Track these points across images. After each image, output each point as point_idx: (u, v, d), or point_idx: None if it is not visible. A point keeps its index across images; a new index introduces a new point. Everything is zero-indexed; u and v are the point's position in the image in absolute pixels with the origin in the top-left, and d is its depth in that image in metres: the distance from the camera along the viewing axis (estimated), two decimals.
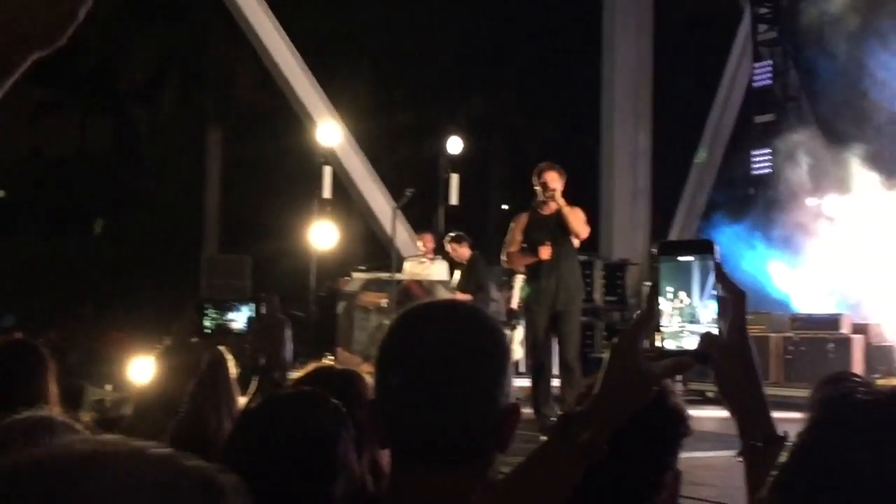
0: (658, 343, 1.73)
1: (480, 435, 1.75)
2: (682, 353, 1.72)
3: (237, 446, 2.17)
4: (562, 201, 10.00)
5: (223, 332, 2.78)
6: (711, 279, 1.72)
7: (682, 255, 1.74)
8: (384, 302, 13.93)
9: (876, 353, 13.53)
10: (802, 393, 12.38)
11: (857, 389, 1.17)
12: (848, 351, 13.56)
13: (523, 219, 10.34)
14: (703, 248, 1.74)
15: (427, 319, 1.83)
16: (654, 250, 1.75)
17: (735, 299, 1.72)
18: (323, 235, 16.69)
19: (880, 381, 12.86)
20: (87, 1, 1.46)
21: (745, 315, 1.73)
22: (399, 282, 13.88)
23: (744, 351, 1.72)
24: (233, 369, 3.41)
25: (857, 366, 13.41)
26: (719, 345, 1.70)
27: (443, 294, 14.57)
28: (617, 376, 1.71)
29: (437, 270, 15.14)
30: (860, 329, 13.90)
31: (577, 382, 9.58)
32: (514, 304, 13.85)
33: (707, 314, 1.72)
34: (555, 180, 9.96)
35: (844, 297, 14.69)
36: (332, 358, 14.72)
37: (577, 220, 10.05)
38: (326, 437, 2.16)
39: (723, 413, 1.77)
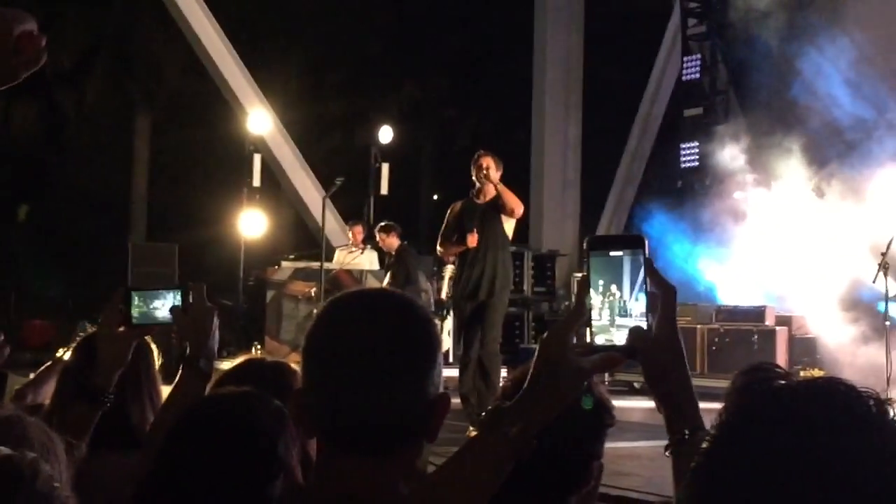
0: (588, 338, 1.73)
1: (408, 425, 1.74)
2: (611, 348, 1.72)
3: (177, 444, 2.14)
4: (495, 179, 9.78)
5: (150, 320, 2.74)
6: (642, 274, 1.72)
7: (612, 250, 1.73)
8: (313, 291, 13.87)
9: (799, 345, 13.73)
10: (726, 384, 12.52)
11: (775, 378, 1.18)
12: (772, 342, 13.74)
13: (458, 207, 10.17)
14: (633, 242, 1.74)
15: (355, 308, 1.80)
16: (584, 245, 1.74)
17: (665, 294, 1.72)
18: (252, 224, 16.59)
19: (803, 373, 13.08)
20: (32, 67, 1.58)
21: (674, 310, 1.73)
22: (329, 271, 13.83)
23: (673, 345, 1.72)
24: (156, 359, 3.36)
25: (781, 357, 13.59)
26: (647, 339, 1.71)
27: (373, 284, 14.55)
28: (547, 371, 1.71)
29: (366, 260, 15.12)
30: (784, 321, 14.09)
31: (492, 382, 9.39)
32: (444, 294, 13.87)
33: (638, 308, 1.72)
34: (491, 165, 9.80)
35: (769, 290, 14.88)
36: (260, 347, 14.66)
37: (512, 197, 9.82)
38: (268, 438, 2.15)
39: (648, 404, 1.78)
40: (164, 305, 2.73)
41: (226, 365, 2.87)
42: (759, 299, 14.64)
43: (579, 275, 17.53)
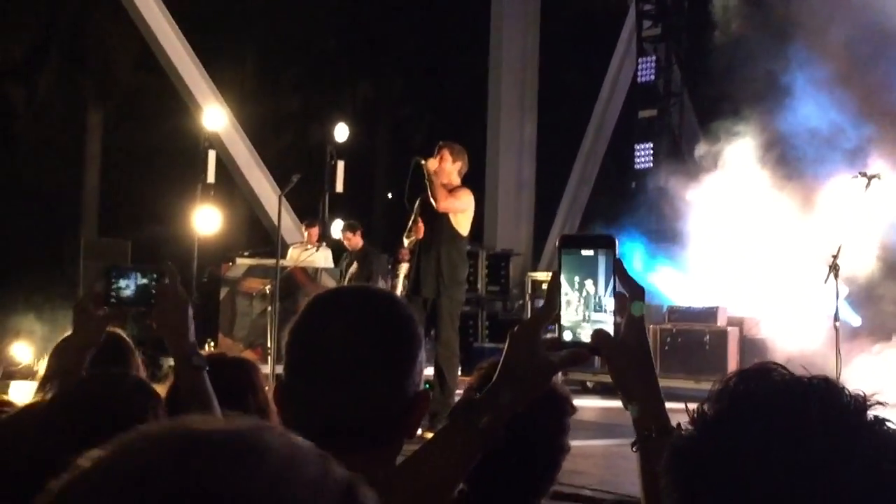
0: (557, 333, 1.76)
1: (387, 421, 1.77)
2: (578, 345, 1.75)
3: (50, 431, 2.11)
4: (431, 166, 9.39)
5: (127, 302, 2.65)
6: (612, 275, 1.75)
7: (584, 249, 1.76)
8: (267, 288, 13.81)
9: (750, 347, 13.85)
10: (679, 384, 12.62)
11: (773, 373, 1.21)
12: (723, 343, 13.86)
13: (422, 199, 9.78)
14: (604, 243, 1.77)
15: (338, 304, 1.84)
16: (557, 243, 1.78)
17: (633, 295, 1.75)
18: (206, 220, 16.49)
19: None
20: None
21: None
22: (283, 268, 13.79)
23: (640, 345, 1.76)
24: (140, 364, 3.32)
25: (732, 358, 13.73)
26: (613, 340, 1.74)
27: (328, 282, 14.54)
28: (516, 364, 1.75)
29: (321, 257, 15.10)
30: (736, 322, 14.21)
31: (447, 384, 9.06)
32: (399, 293, 13.84)
33: (612, 303, 1.75)
34: (444, 155, 9.50)
35: (721, 291, 15.01)
36: (213, 344, 14.60)
37: (437, 187, 9.36)
38: (136, 417, 2.15)
39: (602, 403, 1.81)
40: (142, 289, 2.65)
41: None
42: (712, 300, 14.77)
43: (536, 274, 17.68)
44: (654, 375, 1.77)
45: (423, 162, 9.55)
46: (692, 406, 1.30)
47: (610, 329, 1.75)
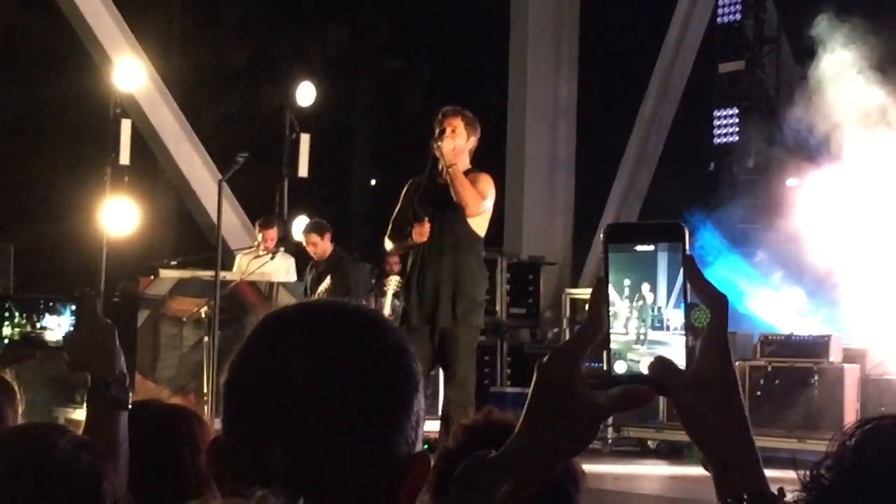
0: (605, 364, 1.74)
1: (367, 495, 1.75)
2: (636, 379, 1.73)
3: None
4: (448, 152, 9.49)
5: (31, 343, 2.73)
6: (680, 278, 1.74)
7: (639, 243, 1.75)
8: (204, 311, 13.83)
9: (874, 389, 13.82)
10: (775, 442, 12.60)
11: None
12: (838, 385, 13.80)
13: (413, 186, 9.89)
14: (668, 232, 1.76)
15: (299, 327, 1.80)
16: (602, 236, 1.76)
17: (713, 307, 1.74)
18: (118, 217, 16.51)
19: None
20: None
21: (725, 329, 1.74)
22: (226, 283, 13.80)
23: (724, 379, 1.73)
24: (20, 404, 3.37)
25: (850, 403, 13.69)
26: (680, 373, 1.72)
27: (286, 300, 14.53)
28: (547, 409, 1.73)
29: (280, 267, 15.10)
30: (854, 357, 14.17)
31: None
32: (386, 314, 13.85)
33: (677, 317, 1.73)
34: (458, 129, 9.57)
35: (835, 314, 14.98)
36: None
37: (467, 187, 9.45)
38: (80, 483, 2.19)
39: (668, 469, 1.81)
40: (53, 323, 2.73)
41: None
42: (820, 326, 14.73)
43: (577, 291, 17.63)
44: (744, 421, 1.75)
45: (435, 145, 9.54)
46: (792, 472, 1.30)
47: (676, 355, 1.73)
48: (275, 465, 1.72)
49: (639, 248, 1.75)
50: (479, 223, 9.72)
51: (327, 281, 14.22)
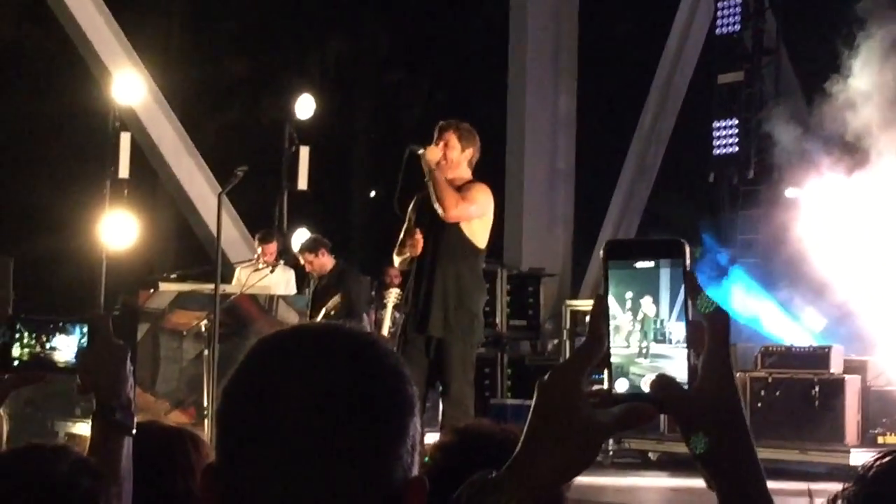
0: (606, 382, 1.74)
1: None
2: (638, 397, 1.72)
3: None
4: (432, 158, 9.44)
5: (41, 364, 2.74)
6: (682, 292, 1.73)
7: (639, 260, 1.75)
8: (204, 325, 13.82)
9: (877, 401, 13.79)
10: (776, 454, 12.59)
11: None
12: (840, 397, 13.77)
13: (418, 201, 9.88)
14: (669, 249, 1.75)
15: (293, 353, 1.79)
16: (602, 253, 1.75)
17: (713, 324, 1.73)
18: (118, 230, 16.49)
19: (882, 439, 13.17)
20: None
21: (727, 346, 1.73)
22: (226, 297, 13.78)
23: (726, 396, 1.73)
24: (4, 428, 3.37)
25: (852, 416, 13.67)
26: (682, 392, 1.72)
27: (288, 315, 14.52)
28: (548, 428, 1.71)
29: (280, 281, 15.10)
30: (856, 368, 14.15)
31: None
32: (386, 328, 13.82)
33: (679, 330, 1.73)
34: (450, 143, 9.56)
35: (836, 325, 14.98)
36: None
37: (443, 189, 9.39)
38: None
39: (673, 481, 1.79)
40: (63, 344, 2.73)
41: (86, 428, 2.87)
42: (823, 338, 14.72)
43: (577, 303, 17.62)
44: (747, 439, 1.74)
45: (420, 152, 9.56)
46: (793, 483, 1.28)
47: (679, 369, 1.72)
48: (269, 492, 1.72)
49: (639, 265, 1.74)
50: (477, 234, 9.67)
51: (337, 298, 14.20)
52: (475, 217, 9.65)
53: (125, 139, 17.00)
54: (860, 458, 13.28)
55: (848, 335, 14.71)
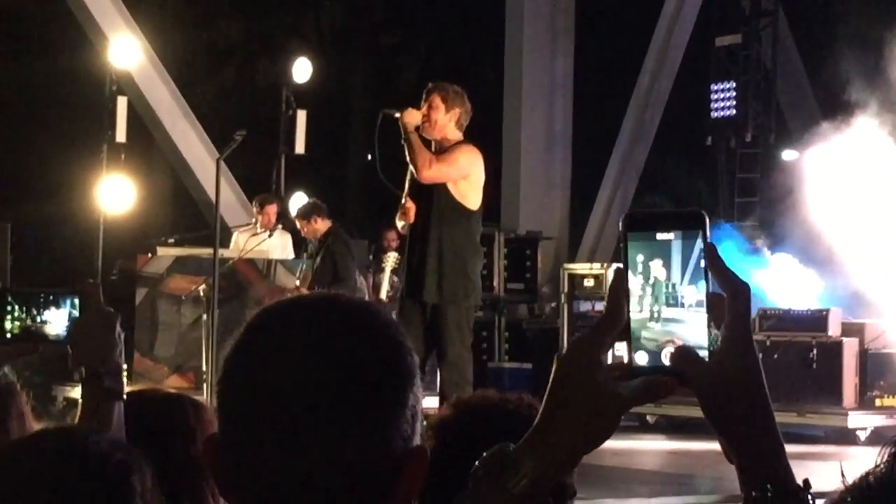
0: (626, 355, 1.72)
1: (363, 491, 1.75)
2: (658, 370, 1.71)
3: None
4: (411, 120, 9.35)
5: (32, 337, 2.74)
6: (695, 258, 1.72)
7: (659, 231, 1.73)
8: (202, 289, 13.81)
9: (875, 364, 13.84)
10: (779, 418, 12.61)
11: None
12: (837, 359, 13.84)
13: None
14: (689, 221, 1.73)
15: (292, 324, 1.80)
16: (621, 224, 1.73)
17: (734, 296, 1.71)
18: (115, 194, 16.48)
19: (881, 402, 13.20)
20: None
21: (748, 319, 1.72)
22: (224, 261, 13.77)
23: (747, 369, 1.71)
24: (27, 403, 3.37)
25: (850, 379, 13.73)
26: (702, 363, 1.70)
27: (286, 279, 14.53)
28: (568, 401, 1.70)
29: (277, 245, 15.10)
30: (854, 330, 14.20)
31: None
32: (384, 293, 13.81)
33: (691, 294, 1.71)
34: (433, 105, 9.45)
35: (833, 288, 15.00)
36: (126, 367, 14.59)
37: (415, 150, 9.32)
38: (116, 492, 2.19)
39: (666, 445, 1.78)
40: (53, 317, 2.73)
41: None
42: (820, 301, 14.74)
43: (574, 266, 17.64)
44: (768, 411, 1.72)
45: (396, 115, 9.49)
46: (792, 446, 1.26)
47: (691, 332, 1.71)
48: (270, 461, 1.73)
49: (659, 236, 1.73)
50: (467, 195, 9.54)
51: (318, 260, 14.18)
52: (454, 178, 9.53)
53: (122, 103, 16.98)
54: (858, 420, 13.35)
55: (846, 298, 14.75)
